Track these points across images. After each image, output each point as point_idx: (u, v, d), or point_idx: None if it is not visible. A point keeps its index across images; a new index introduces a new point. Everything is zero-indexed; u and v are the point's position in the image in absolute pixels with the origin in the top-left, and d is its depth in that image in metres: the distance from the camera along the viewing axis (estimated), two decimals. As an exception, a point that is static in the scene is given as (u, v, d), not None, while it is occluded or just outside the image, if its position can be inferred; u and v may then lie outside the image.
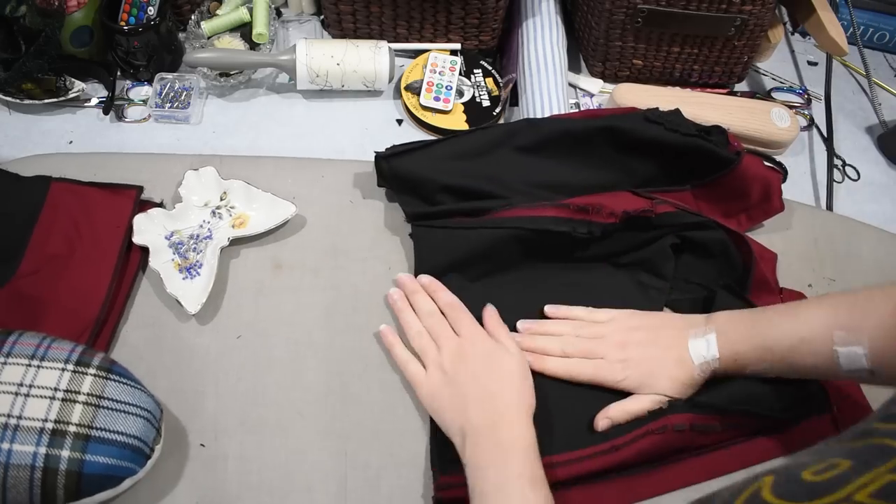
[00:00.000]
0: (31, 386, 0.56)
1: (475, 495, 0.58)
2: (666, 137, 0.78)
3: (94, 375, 0.59)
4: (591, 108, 0.97)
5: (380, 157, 0.78)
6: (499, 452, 0.59)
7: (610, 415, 0.66)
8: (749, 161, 0.79)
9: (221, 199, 0.78)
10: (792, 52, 1.10)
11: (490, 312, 0.71)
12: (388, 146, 0.78)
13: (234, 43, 0.94)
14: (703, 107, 0.91)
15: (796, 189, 0.92)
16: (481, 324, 0.70)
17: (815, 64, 1.08)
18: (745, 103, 0.94)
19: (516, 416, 0.62)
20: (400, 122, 0.93)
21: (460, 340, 0.68)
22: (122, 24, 0.87)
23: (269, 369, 0.69)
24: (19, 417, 0.55)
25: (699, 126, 0.80)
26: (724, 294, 0.74)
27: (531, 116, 0.88)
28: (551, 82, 0.90)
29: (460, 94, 0.93)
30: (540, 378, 0.68)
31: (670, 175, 0.81)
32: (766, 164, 0.86)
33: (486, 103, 0.93)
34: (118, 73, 0.91)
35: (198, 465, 0.64)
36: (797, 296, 0.78)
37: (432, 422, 0.66)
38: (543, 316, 0.74)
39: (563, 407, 0.68)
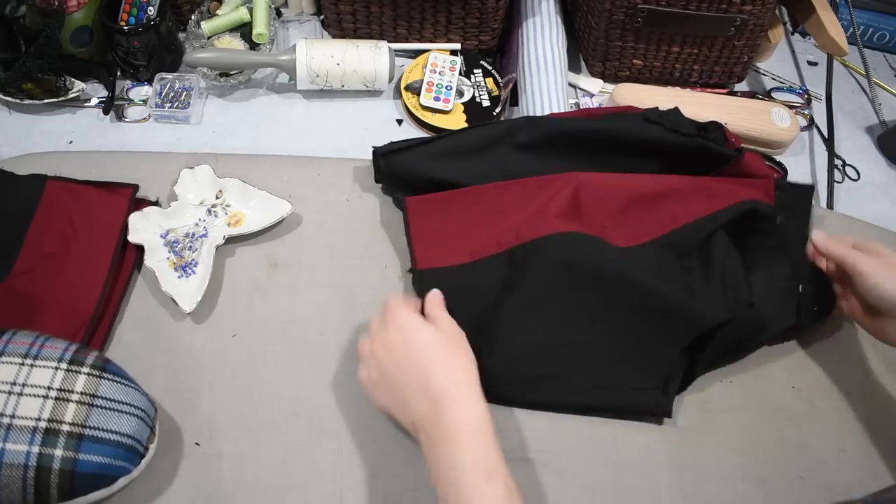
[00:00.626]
0: (24, 385, 0.56)
1: (439, 500, 0.53)
2: (666, 138, 0.78)
3: (88, 374, 0.59)
4: (591, 107, 0.97)
5: (377, 153, 0.78)
6: (447, 445, 0.54)
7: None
8: (750, 158, 0.78)
9: (217, 198, 0.78)
10: (792, 52, 1.09)
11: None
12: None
13: (234, 43, 0.94)
14: (703, 107, 0.91)
15: (797, 189, 0.91)
16: None
17: (815, 64, 1.08)
18: (745, 103, 0.94)
19: (455, 397, 0.56)
20: (400, 122, 0.93)
21: (384, 325, 0.62)
22: (122, 24, 0.87)
23: (265, 368, 0.69)
24: (12, 416, 0.55)
25: (697, 123, 0.80)
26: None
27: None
28: (551, 82, 0.90)
29: (460, 94, 0.93)
30: None
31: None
32: (766, 163, 0.85)
33: (486, 103, 0.92)
34: (118, 73, 0.91)
35: (192, 463, 0.63)
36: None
37: None
38: None
39: None
